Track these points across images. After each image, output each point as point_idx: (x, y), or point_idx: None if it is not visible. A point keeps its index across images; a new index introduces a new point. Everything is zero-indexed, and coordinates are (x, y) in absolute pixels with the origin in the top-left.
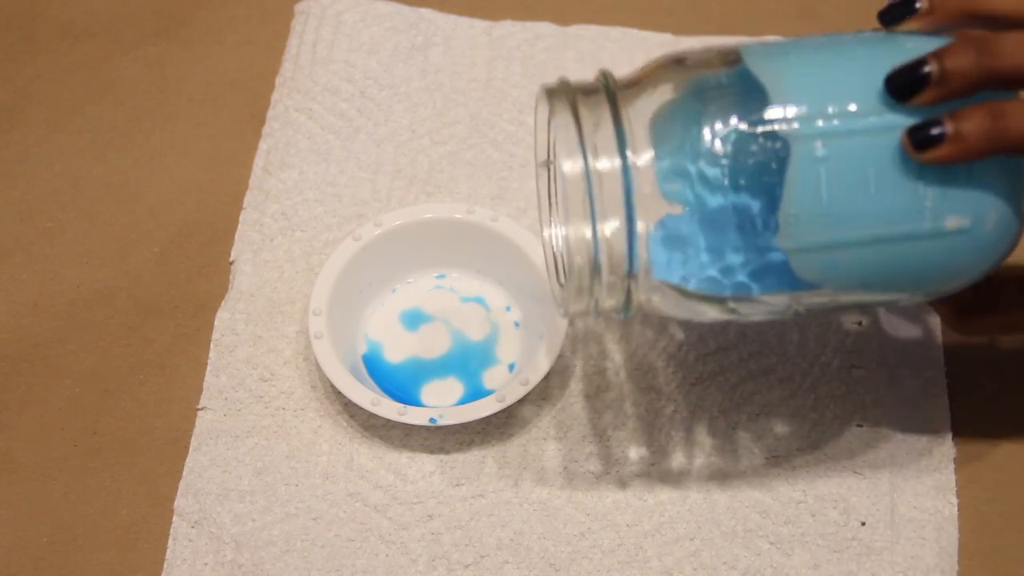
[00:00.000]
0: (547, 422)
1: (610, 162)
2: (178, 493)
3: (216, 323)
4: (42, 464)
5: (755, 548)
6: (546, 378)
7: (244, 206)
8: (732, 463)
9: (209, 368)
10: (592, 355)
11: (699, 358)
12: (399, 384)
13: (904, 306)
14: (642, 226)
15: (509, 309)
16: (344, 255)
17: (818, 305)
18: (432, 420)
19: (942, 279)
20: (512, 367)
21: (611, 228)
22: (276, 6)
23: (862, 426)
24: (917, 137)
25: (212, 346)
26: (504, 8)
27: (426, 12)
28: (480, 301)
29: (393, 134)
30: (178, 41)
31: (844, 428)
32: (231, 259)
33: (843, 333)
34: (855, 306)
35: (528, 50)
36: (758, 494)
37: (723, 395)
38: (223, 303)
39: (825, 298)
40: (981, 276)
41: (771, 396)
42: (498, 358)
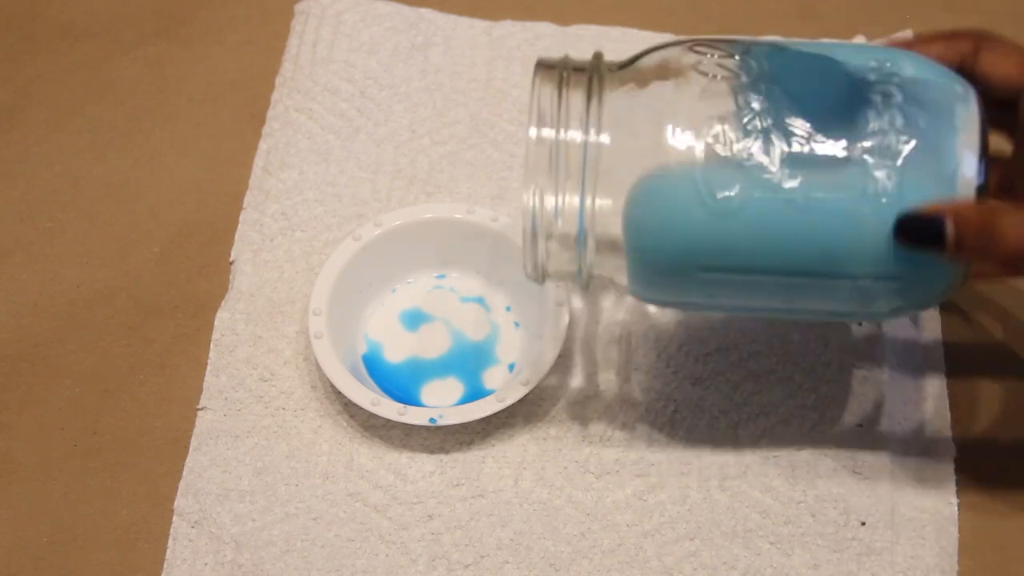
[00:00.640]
0: (547, 422)
1: (569, 133)
2: (178, 493)
3: (216, 323)
4: (42, 464)
5: (755, 548)
6: (546, 378)
7: (244, 206)
8: (732, 463)
9: (209, 368)
10: (592, 355)
11: (699, 358)
12: (399, 384)
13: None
14: (593, 201)
15: (509, 309)
16: (344, 255)
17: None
18: (432, 420)
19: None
20: (512, 367)
21: (565, 197)
22: (276, 6)
23: (862, 426)
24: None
25: (212, 346)
26: (504, 8)
27: (426, 12)
28: (480, 301)
29: (393, 134)
30: (178, 41)
31: (844, 428)
32: (231, 259)
33: (843, 333)
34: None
35: (528, 50)
36: (758, 494)
37: (723, 395)
38: (223, 303)
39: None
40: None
41: (771, 396)
42: (498, 358)
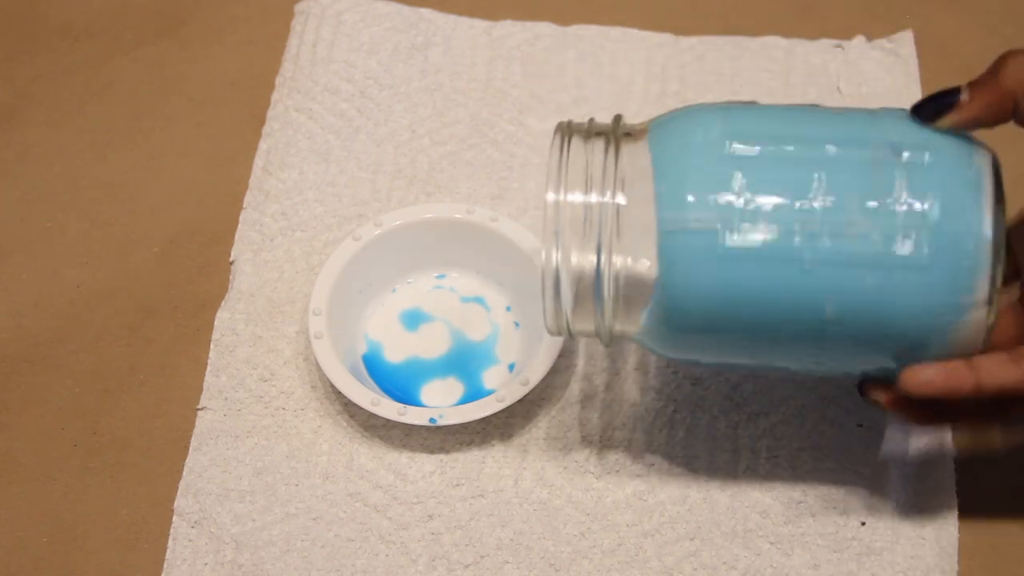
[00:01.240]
0: (547, 422)
1: (590, 197)
2: (178, 493)
3: (216, 323)
4: (42, 464)
5: (755, 548)
6: (546, 378)
7: (244, 206)
8: (732, 463)
9: (209, 368)
10: (592, 355)
11: None
12: (399, 384)
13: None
14: (620, 261)
15: (509, 309)
16: (344, 255)
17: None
18: (432, 420)
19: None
20: (512, 367)
21: (585, 258)
22: (276, 6)
23: (862, 426)
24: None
25: (212, 346)
26: (504, 8)
27: (426, 12)
28: (480, 301)
29: (393, 134)
30: (178, 41)
31: (844, 428)
32: (231, 259)
33: None
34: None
35: (528, 50)
36: (758, 494)
37: (723, 395)
38: (223, 303)
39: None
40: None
41: (771, 396)
42: (498, 358)
